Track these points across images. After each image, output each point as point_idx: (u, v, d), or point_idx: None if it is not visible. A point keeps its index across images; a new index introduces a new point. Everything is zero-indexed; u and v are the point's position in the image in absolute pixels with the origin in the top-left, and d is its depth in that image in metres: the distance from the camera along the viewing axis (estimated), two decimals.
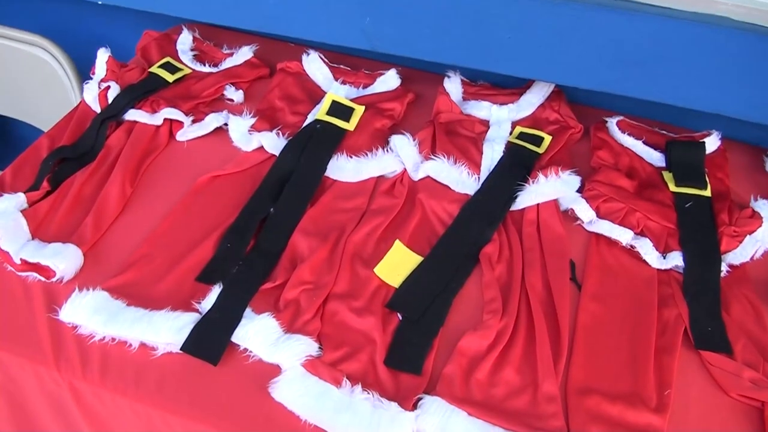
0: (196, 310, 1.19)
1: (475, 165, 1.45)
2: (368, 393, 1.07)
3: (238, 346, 1.15)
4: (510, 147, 1.49)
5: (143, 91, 1.60)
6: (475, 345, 1.15)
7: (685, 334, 1.22)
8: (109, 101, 1.58)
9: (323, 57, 1.72)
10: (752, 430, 1.10)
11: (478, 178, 1.43)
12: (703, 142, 1.53)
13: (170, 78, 1.65)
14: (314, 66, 1.71)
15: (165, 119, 1.56)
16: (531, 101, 1.61)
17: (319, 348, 1.15)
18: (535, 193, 1.38)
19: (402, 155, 1.46)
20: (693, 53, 1.32)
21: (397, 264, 1.27)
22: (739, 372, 1.16)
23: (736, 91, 1.36)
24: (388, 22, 1.49)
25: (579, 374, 1.14)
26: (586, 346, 1.18)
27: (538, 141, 1.51)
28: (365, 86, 1.68)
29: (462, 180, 1.42)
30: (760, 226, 1.36)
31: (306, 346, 1.13)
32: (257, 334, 1.14)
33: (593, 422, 1.07)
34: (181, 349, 1.13)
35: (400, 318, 1.20)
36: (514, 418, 1.06)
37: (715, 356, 1.18)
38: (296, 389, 1.08)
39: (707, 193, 1.43)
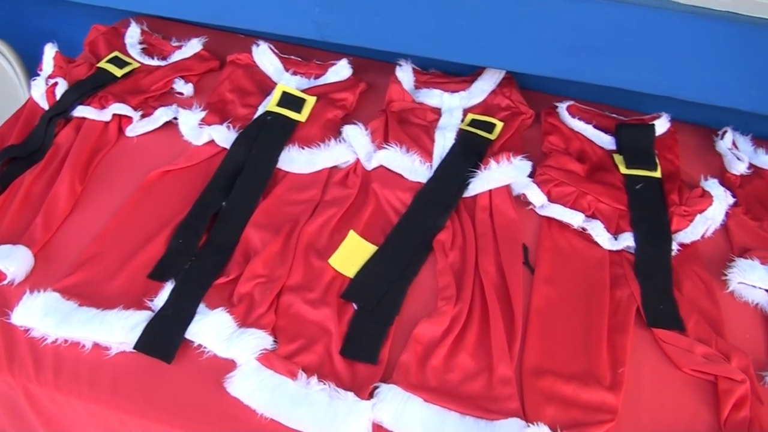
0: (149, 308, 1.18)
1: (427, 153, 1.45)
2: (324, 384, 1.07)
3: (192, 342, 1.14)
4: (462, 134, 1.50)
5: (91, 86, 1.57)
6: (430, 332, 1.15)
7: (638, 313, 1.24)
8: (57, 98, 1.54)
9: (273, 48, 1.70)
10: (706, 404, 1.13)
11: (431, 166, 1.44)
12: (653, 125, 1.55)
13: (118, 73, 1.63)
14: (264, 57, 1.69)
15: (114, 115, 1.53)
16: (482, 88, 1.62)
17: (274, 341, 1.14)
18: (487, 179, 1.39)
19: (355, 145, 1.46)
20: (645, 38, 1.34)
21: (352, 254, 1.27)
22: (691, 348, 1.18)
23: (686, 73, 1.38)
24: (338, 12, 1.48)
25: (533, 356, 1.16)
26: (540, 329, 1.20)
27: (489, 127, 1.52)
28: (317, 77, 1.67)
29: (415, 168, 1.42)
30: (711, 204, 1.39)
31: (260, 339, 1.12)
32: (211, 329, 1.13)
33: (548, 402, 1.09)
34: (134, 348, 1.12)
35: (356, 308, 1.20)
36: (469, 402, 1.07)
37: (668, 333, 1.21)
38: (251, 383, 1.08)
39: (657, 174, 1.46)
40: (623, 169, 1.47)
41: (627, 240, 1.33)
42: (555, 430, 1.03)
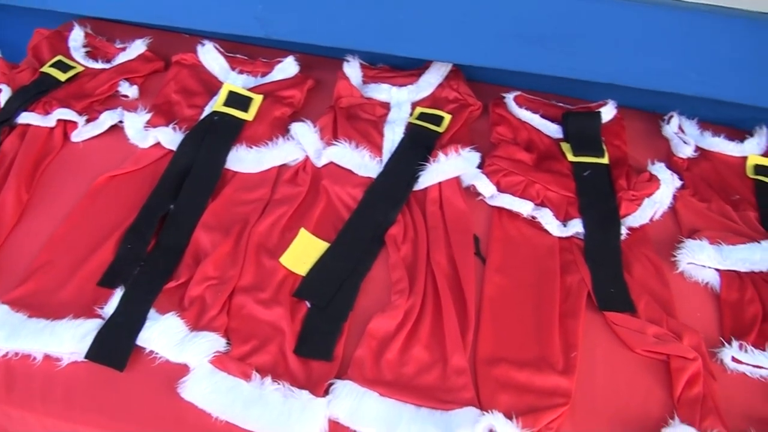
0: (100, 316, 1.16)
1: (376, 148, 1.46)
2: (279, 384, 1.07)
3: (144, 348, 1.13)
4: (410, 128, 1.50)
5: (35, 92, 1.54)
6: (384, 326, 1.16)
7: (589, 298, 1.26)
8: (1, 105, 1.51)
9: (219, 47, 1.69)
10: (659, 383, 1.16)
11: (381, 160, 1.44)
12: (599, 112, 1.58)
13: (62, 77, 1.59)
14: (210, 56, 1.67)
15: (58, 120, 1.50)
16: (430, 81, 1.62)
17: (227, 343, 1.13)
18: (436, 171, 1.40)
19: (303, 142, 1.45)
20: (588, 26, 1.36)
21: (303, 252, 1.27)
22: (643, 329, 1.21)
23: (629, 60, 1.40)
24: (281, 8, 1.47)
25: (487, 345, 1.17)
26: (493, 318, 1.21)
27: (438, 120, 1.52)
28: (263, 75, 1.65)
29: (364, 164, 1.42)
30: (658, 188, 1.43)
31: (213, 342, 1.11)
32: (162, 334, 1.12)
33: (502, 390, 1.10)
34: (85, 358, 1.10)
35: (308, 306, 1.20)
36: (424, 394, 1.08)
37: (619, 316, 1.23)
38: (205, 387, 1.07)
39: (605, 160, 1.48)
40: (571, 157, 1.49)
41: (576, 226, 1.35)
42: (510, 417, 1.04)
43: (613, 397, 1.13)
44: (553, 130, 1.57)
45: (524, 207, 1.36)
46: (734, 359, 1.19)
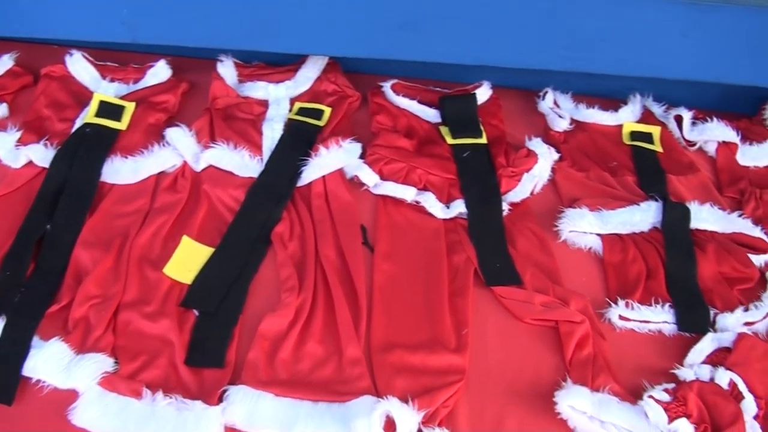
0: None
1: (256, 147, 1.44)
2: (171, 398, 1.04)
3: (31, 378, 1.07)
4: (290, 124, 1.50)
5: None
6: (276, 326, 1.15)
7: (476, 275, 1.29)
8: None
9: (88, 56, 1.62)
10: (550, 349, 1.20)
11: (261, 159, 1.42)
12: (474, 94, 1.61)
13: None
14: (79, 66, 1.60)
15: None
16: (307, 76, 1.61)
17: (115, 362, 1.10)
18: (318, 165, 1.39)
19: (179, 148, 1.42)
20: (457, 10, 1.39)
21: (187, 260, 1.24)
22: (530, 299, 1.25)
23: (499, 41, 1.44)
24: (146, 11, 1.44)
25: (380, 333, 1.18)
26: (384, 305, 1.22)
27: (318, 114, 1.52)
28: (136, 81, 1.60)
29: (245, 164, 1.40)
30: (536, 162, 1.47)
31: (100, 363, 1.08)
32: (47, 362, 1.07)
33: (398, 375, 1.11)
34: None
35: (197, 314, 1.18)
36: (321, 389, 1.08)
37: (506, 289, 1.27)
38: (95, 410, 1.03)
39: (483, 140, 1.52)
40: (450, 140, 1.52)
41: (459, 207, 1.38)
42: (406, 401, 1.05)
43: (507, 368, 1.17)
44: (431, 114, 1.59)
45: (407, 193, 1.38)
46: (621, 317, 1.25)
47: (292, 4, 1.38)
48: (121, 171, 1.39)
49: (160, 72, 1.60)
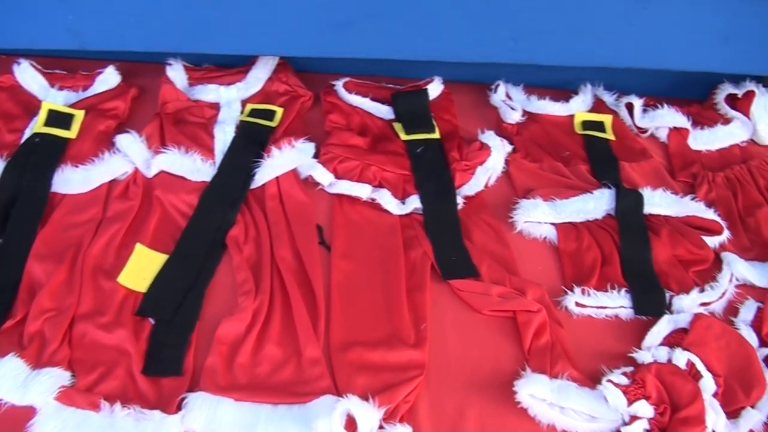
0: None
1: (208, 150, 1.43)
2: (129, 408, 1.03)
3: None
4: (242, 126, 1.49)
5: None
6: (233, 330, 1.14)
7: (433, 269, 1.30)
8: None
9: (36, 65, 1.59)
10: (509, 339, 1.21)
11: (214, 163, 1.41)
12: (426, 89, 1.62)
13: None
14: (27, 75, 1.57)
15: None
16: (258, 77, 1.60)
17: (72, 376, 1.08)
18: (272, 167, 1.39)
19: (130, 154, 1.40)
20: (400, 6, 1.39)
21: (142, 268, 1.23)
22: (487, 291, 1.26)
23: (445, 36, 1.45)
24: (91, 17, 1.43)
25: (338, 332, 1.18)
26: (342, 304, 1.22)
27: (270, 115, 1.52)
28: (85, 88, 1.58)
29: (197, 168, 1.39)
30: (489, 155, 1.48)
31: (56, 378, 1.06)
32: (2, 379, 1.05)
33: (358, 373, 1.12)
34: None
35: (153, 322, 1.16)
36: (281, 391, 1.08)
37: (464, 282, 1.28)
38: (53, 426, 1.01)
39: (436, 135, 1.53)
40: (403, 136, 1.52)
41: (414, 202, 1.39)
42: (366, 398, 1.05)
43: (466, 360, 1.18)
44: (384, 111, 1.60)
45: (363, 191, 1.38)
46: (578, 304, 1.27)
47: (234, 5, 1.37)
48: (71, 181, 1.36)
49: (109, 78, 1.58)
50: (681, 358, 1.14)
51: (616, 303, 1.27)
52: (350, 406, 1.03)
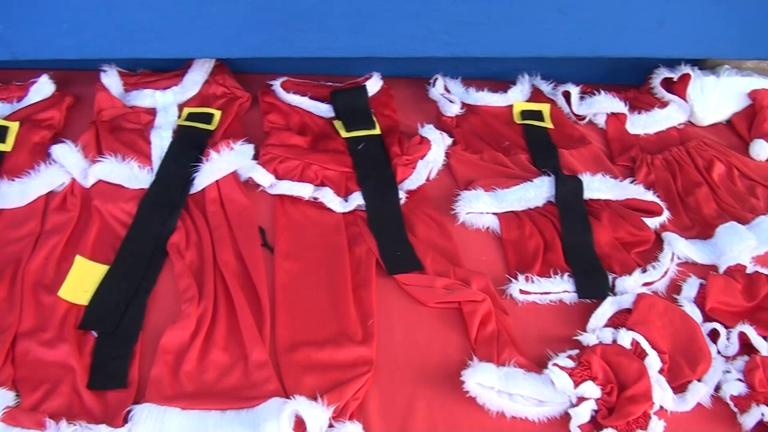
0: None
1: (145, 157, 1.41)
2: (75, 425, 1.02)
3: None
4: (179, 130, 1.47)
5: None
6: (178, 338, 1.14)
7: (378, 265, 1.31)
8: None
9: None
10: (455, 330, 1.23)
11: (152, 169, 1.40)
12: (365, 86, 1.62)
13: None
14: None
15: None
16: (195, 80, 1.59)
17: (16, 395, 1.07)
18: (211, 170, 1.38)
19: (66, 164, 1.38)
20: (332, 2, 1.38)
21: (82, 280, 1.21)
22: (432, 283, 1.27)
23: (380, 31, 1.44)
24: (21, 26, 1.39)
25: (285, 333, 1.18)
26: (288, 305, 1.23)
27: (208, 118, 1.51)
28: (19, 99, 1.55)
29: (134, 175, 1.38)
30: (430, 149, 1.49)
31: (1, 398, 1.04)
32: None
33: (306, 374, 1.12)
34: None
35: (96, 335, 1.15)
36: (229, 397, 1.08)
37: (409, 276, 1.29)
38: None
39: (377, 131, 1.53)
40: (344, 133, 1.53)
41: (357, 199, 1.39)
42: (315, 398, 1.06)
43: (415, 353, 1.19)
44: (324, 109, 1.59)
45: (304, 190, 1.38)
46: (522, 291, 1.29)
47: (167, 8, 1.36)
48: (8, 195, 1.34)
49: (43, 88, 1.55)
50: (625, 338, 1.17)
51: (560, 288, 1.29)
52: (298, 407, 1.03)
